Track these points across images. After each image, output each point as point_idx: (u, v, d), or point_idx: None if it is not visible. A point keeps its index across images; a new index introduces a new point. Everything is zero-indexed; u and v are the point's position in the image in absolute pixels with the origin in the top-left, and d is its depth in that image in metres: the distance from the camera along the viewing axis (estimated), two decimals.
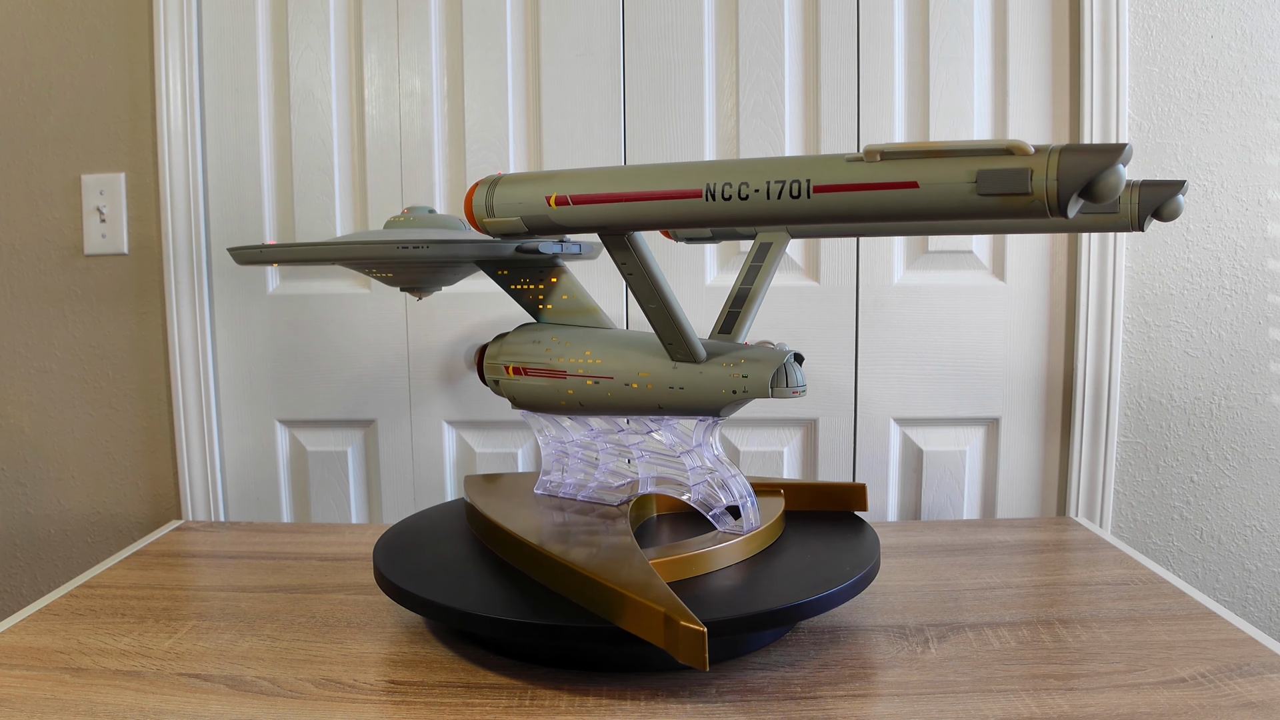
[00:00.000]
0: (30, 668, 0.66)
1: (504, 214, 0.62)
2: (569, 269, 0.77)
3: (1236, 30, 1.02)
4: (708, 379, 0.67)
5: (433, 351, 1.09)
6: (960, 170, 0.49)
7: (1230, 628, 0.71)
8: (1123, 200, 0.64)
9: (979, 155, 0.49)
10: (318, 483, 1.12)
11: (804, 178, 0.54)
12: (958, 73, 1.04)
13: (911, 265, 1.07)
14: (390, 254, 0.69)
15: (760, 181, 0.54)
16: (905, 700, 0.60)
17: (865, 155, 0.52)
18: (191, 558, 0.93)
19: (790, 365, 0.66)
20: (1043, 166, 0.47)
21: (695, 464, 0.71)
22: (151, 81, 1.08)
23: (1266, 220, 1.04)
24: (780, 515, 0.76)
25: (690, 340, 0.67)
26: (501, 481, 0.86)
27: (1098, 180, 0.46)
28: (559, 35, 1.05)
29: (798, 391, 0.67)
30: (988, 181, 0.48)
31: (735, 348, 0.68)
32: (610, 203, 0.59)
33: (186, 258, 1.08)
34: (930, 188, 0.50)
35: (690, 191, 0.56)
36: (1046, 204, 0.48)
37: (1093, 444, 1.06)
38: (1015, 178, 0.48)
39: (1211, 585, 1.09)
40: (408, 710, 0.60)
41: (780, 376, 0.66)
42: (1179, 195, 0.63)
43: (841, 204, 0.53)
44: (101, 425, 1.14)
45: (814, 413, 1.09)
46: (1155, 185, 0.63)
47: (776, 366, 0.65)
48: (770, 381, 0.65)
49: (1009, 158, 0.48)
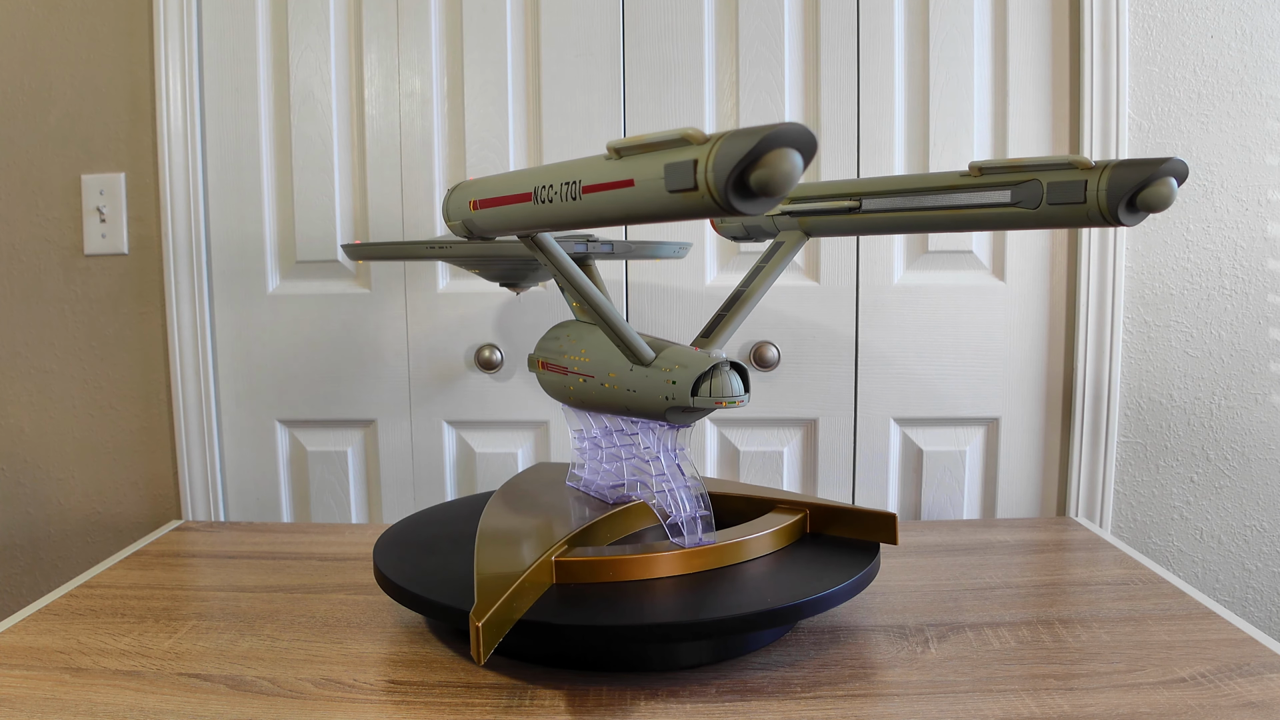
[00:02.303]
0: (30, 668, 0.66)
1: (454, 218, 0.66)
2: (596, 268, 0.76)
3: (1236, 30, 1.02)
4: (650, 383, 0.66)
5: (433, 351, 1.09)
6: (657, 165, 0.46)
7: (1230, 628, 0.71)
8: (1089, 187, 0.56)
9: (665, 148, 0.46)
10: (318, 483, 1.12)
11: (576, 179, 0.52)
12: (958, 73, 1.04)
13: (911, 265, 1.07)
14: (420, 253, 0.73)
15: (559, 184, 0.54)
16: (905, 700, 0.60)
17: (607, 151, 0.50)
18: (191, 558, 0.93)
19: (724, 374, 0.62)
20: (705, 156, 0.44)
21: (658, 471, 0.70)
22: (151, 81, 1.08)
23: (1266, 220, 1.04)
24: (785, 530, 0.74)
25: (629, 342, 0.66)
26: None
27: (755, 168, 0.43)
28: (559, 35, 1.05)
29: (723, 403, 0.62)
30: (671, 177, 0.46)
31: (679, 353, 0.65)
32: (496, 206, 0.61)
33: (186, 258, 1.08)
34: (641, 185, 0.48)
35: (523, 195, 0.57)
36: (712, 197, 0.45)
37: (1093, 444, 1.06)
38: (683, 170, 0.45)
39: (1211, 585, 1.09)
40: (408, 710, 0.60)
41: (706, 385, 0.62)
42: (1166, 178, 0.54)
43: (601, 204, 0.51)
44: (101, 425, 1.13)
45: (814, 413, 1.09)
46: (1130, 166, 0.56)
47: (699, 373, 0.62)
48: (692, 389, 0.62)
49: (686, 148, 0.45)
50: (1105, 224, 0.57)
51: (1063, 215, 0.58)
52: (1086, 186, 0.55)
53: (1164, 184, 0.53)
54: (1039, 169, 0.58)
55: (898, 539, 0.74)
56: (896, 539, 0.74)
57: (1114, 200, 0.54)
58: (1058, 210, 0.57)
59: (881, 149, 1.04)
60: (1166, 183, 0.53)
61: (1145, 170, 0.53)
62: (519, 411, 1.10)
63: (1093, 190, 0.55)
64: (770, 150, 0.42)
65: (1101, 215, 0.56)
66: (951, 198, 0.62)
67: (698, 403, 0.63)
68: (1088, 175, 0.56)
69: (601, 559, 0.66)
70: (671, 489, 0.69)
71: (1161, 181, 0.53)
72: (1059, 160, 0.57)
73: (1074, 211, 0.57)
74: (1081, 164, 0.56)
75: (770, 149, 0.42)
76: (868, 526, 0.75)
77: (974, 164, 0.60)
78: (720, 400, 0.62)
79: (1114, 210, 0.55)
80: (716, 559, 0.69)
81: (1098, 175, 0.55)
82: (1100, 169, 0.55)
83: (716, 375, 0.63)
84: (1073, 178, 0.56)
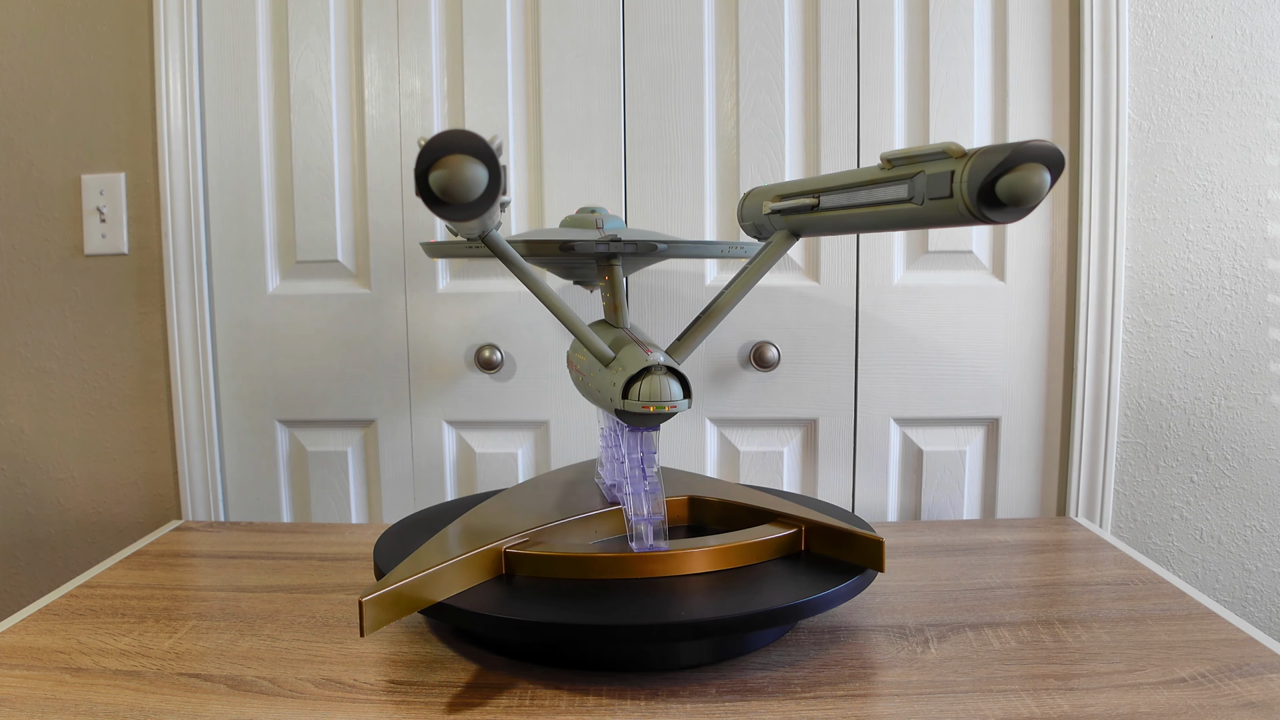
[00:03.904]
0: (30, 668, 0.66)
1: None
2: (619, 270, 0.76)
3: (1236, 30, 1.02)
4: (604, 383, 0.65)
5: (433, 351, 1.09)
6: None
7: (1230, 628, 0.71)
8: (955, 178, 0.48)
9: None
10: (318, 483, 1.12)
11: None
12: (958, 73, 1.04)
13: (911, 265, 1.07)
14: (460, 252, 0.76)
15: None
16: (905, 700, 0.60)
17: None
18: (191, 558, 0.93)
19: (657, 379, 0.60)
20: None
21: (629, 472, 0.70)
22: (151, 81, 1.08)
23: (1266, 220, 1.04)
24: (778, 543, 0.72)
25: (588, 342, 0.65)
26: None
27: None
28: (559, 35, 1.05)
29: (651, 407, 0.59)
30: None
31: (630, 354, 0.64)
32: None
33: (186, 258, 1.08)
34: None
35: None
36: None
37: (1093, 444, 1.06)
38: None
39: (1211, 585, 1.09)
40: (408, 710, 0.60)
41: (637, 387, 0.60)
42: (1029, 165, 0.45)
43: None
44: (101, 425, 1.13)
45: (814, 413, 1.09)
46: (990, 153, 0.47)
47: (630, 375, 0.61)
48: (621, 392, 0.61)
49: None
50: (976, 220, 0.47)
51: (938, 212, 0.49)
52: (953, 178, 0.47)
53: (1026, 171, 0.45)
54: (924, 159, 0.50)
55: (884, 566, 0.68)
56: (883, 566, 0.68)
57: (974, 192, 0.46)
58: (934, 207, 0.49)
59: (881, 148, 1.04)
60: (1030, 170, 0.44)
61: (999, 155, 0.45)
62: (519, 411, 1.10)
63: (958, 182, 0.47)
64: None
65: (969, 211, 0.47)
66: (871, 194, 0.55)
67: (627, 405, 0.61)
68: (955, 165, 0.47)
69: (552, 554, 0.67)
70: (630, 492, 0.68)
71: (1026, 168, 0.45)
72: (935, 149, 0.49)
73: (945, 208, 0.48)
74: (953, 152, 0.47)
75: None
76: (855, 550, 0.70)
77: (884, 155, 0.53)
78: (648, 404, 0.59)
79: (978, 204, 0.46)
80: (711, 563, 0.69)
81: (963, 165, 0.47)
82: (967, 157, 0.47)
83: (647, 378, 0.60)
84: (944, 169, 0.48)
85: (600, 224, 0.77)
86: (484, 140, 0.43)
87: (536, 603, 0.63)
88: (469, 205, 0.45)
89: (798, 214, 0.64)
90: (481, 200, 0.45)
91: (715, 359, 1.08)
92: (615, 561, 0.67)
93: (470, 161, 0.43)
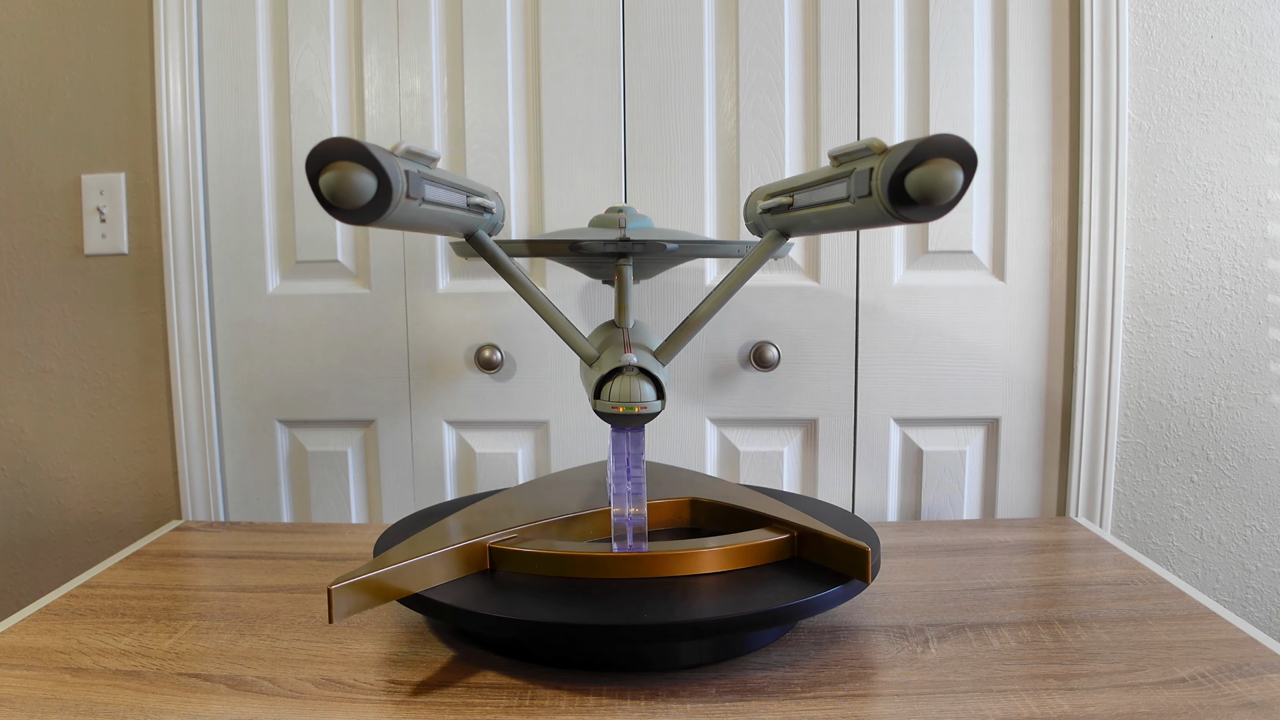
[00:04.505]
0: (30, 668, 0.66)
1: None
2: (628, 271, 0.76)
3: (1236, 30, 1.02)
4: (589, 383, 0.66)
5: (433, 351, 1.09)
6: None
7: (1230, 628, 0.71)
8: (873, 176, 0.46)
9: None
10: (318, 483, 1.12)
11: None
12: (958, 73, 1.04)
13: (911, 265, 1.07)
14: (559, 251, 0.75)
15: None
16: (905, 700, 0.60)
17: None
18: (191, 558, 0.93)
19: (627, 380, 0.60)
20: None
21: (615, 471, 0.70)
22: (151, 81, 1.08)
23: (1266, 220, 1.04)
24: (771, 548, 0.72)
25: (573, 343, 0.66)
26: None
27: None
28: (559, 35, 1.05)
29: (620, 408, 0.59)
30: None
31: (611, 355, 0.63)
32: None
33: (186, 258, 1.08)
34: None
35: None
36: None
37: (1093, 444, 1.06)
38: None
39: (1211, 585, 1.09)
40: (408, 710, 0.60)
41: (607, 388, 0.60)
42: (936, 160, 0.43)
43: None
44: (101, 425, 1.13)
45: (814, 413, 1.09)
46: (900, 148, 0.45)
47: (600, 375, 0.61)
48: (594, 392, 0.61)
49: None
50: (895, 219, 0.45)
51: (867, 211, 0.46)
52: (871, 175, 0.45)
53: (934, 167, 0.42)
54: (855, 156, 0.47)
55: (869, 577, 0.65)
56: (869, 577, 0.65)
57: (887, 189, 0.44)
58: (862, 205, 0.46)
59: None
60: (937, 165, 0.42)
61: (904, 150, 0.43)
62: (519, 411, 1.10)
63: (875, 179, 0.45)
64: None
65: (886, 209, 0.45)
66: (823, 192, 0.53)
67: (598, 405, 0.61)
68: (874, 162, 0.45)
69: (535, 551, 0.68)
70: (614, 492, 0.68)
71: (934, 164, 0.42)
72: (861, 145, 0.46)
73: (869, 206, 0.45)
74: (875, 147, 0.46)
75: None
76: (841, 558, 0.67)
77: (830, 151, 0.51)
78: (618, 405, 0.59)
79: (892, 202, 0.44)
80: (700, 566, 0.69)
81: (880, 162, 0.45)
82: (884, 154, 0.45)
83: (617, 379, 0.60)
84: (866, 166, 0.45)
85: (623, 224, 0.77)
86: (364, 146, 0.44)
87: (536, 603, 0.63)
88: (361, 210, 0.46)
89: (779, 213, 0.64)
90: (373, 205, 0.46)
91: (715, 359, 1.08)
92: (597, 561, 0.67)
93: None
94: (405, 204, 0.48)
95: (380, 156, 0.45)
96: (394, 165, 0.46)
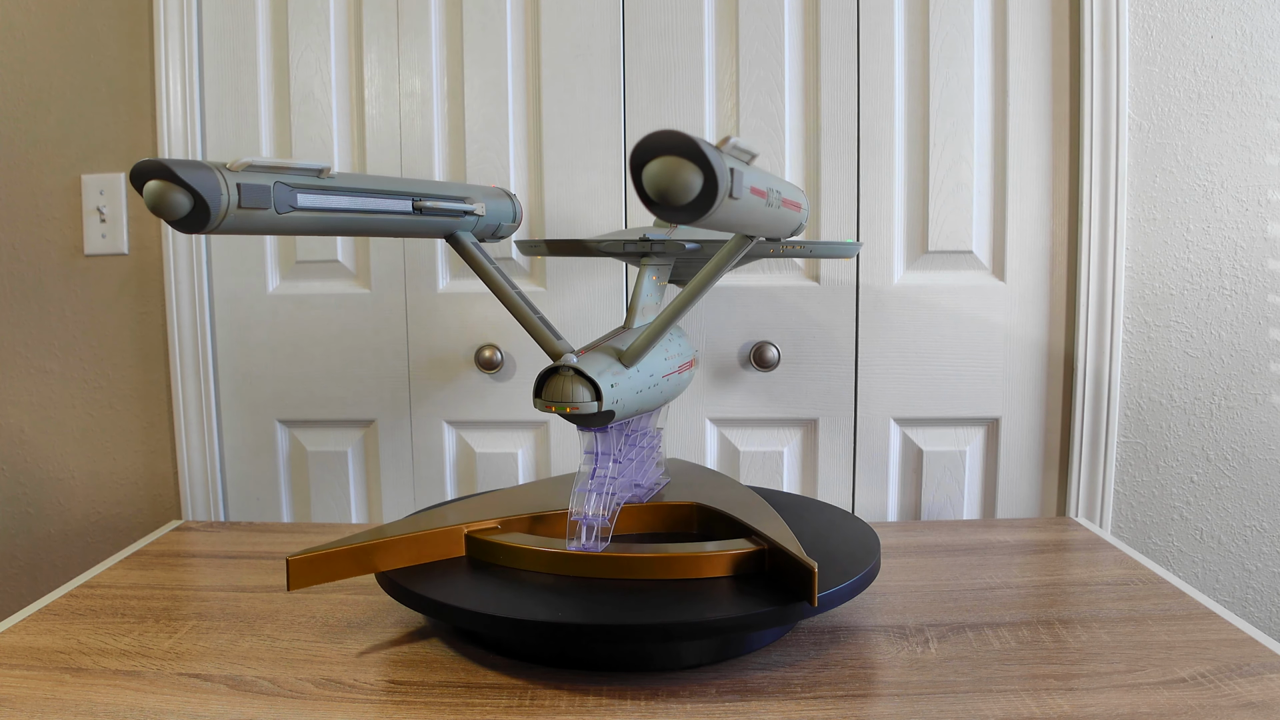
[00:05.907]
0: (30, 668, 0.66)
1: None
2: (647, 271, 0.75)
3: (1236, 30, 1.02)
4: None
5: (433, 351, 1.09)
6: None
7: (1230, 628, 0.71)
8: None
9: None
10: (318, 483, 1.12)
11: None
12: (958, 72, 1.04)
13: (911, 265, 1.07)
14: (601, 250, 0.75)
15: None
16: (905, 700, 0.60)
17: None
18: (191, 558, 0.93)
19: (561, 380, 0.59)
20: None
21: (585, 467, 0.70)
22: (151, 81, 1.08)
23: (1266, 220, 1.04)
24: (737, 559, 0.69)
25: (544, 342, 0.66)
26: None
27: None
28: (559, 35, 1.05)
29: (552, 407, 0.59)
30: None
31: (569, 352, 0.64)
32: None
33: (186, 258, 1.08)
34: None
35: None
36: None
37: (1093, 444, 1.06)
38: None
39: (1211, 585, 1.09)
40: (408, 710, 0.60)
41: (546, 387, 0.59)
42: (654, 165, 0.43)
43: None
44: (101, 425, 1.13)
45: (814, 413, 1.09)
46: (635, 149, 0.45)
47: (540, 373, 0.60)
48: (537, 390, 0.61)
49: None
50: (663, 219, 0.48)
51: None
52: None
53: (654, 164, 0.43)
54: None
55: (815, 600, 0.61)
56: (814, 600, 0.61)
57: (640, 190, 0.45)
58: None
59: (881, 149, 1.05)
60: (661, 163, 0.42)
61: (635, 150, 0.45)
62: (519, 411, 1.10)
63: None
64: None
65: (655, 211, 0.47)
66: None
67: (538, 405, 0.60)
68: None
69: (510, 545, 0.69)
70: (575, 489, 0.68)
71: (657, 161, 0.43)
72: None
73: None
74: None
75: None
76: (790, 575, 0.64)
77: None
78: (549, 404, 0.59)
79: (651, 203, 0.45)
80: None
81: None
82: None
83: (552, 378, 0.59)
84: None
85: (674, 227, 0.78)
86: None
87: (536, 603, 0.63)
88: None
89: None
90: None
91: (715, 359, 1.08)
92: (553, 558, 0.68)
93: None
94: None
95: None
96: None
